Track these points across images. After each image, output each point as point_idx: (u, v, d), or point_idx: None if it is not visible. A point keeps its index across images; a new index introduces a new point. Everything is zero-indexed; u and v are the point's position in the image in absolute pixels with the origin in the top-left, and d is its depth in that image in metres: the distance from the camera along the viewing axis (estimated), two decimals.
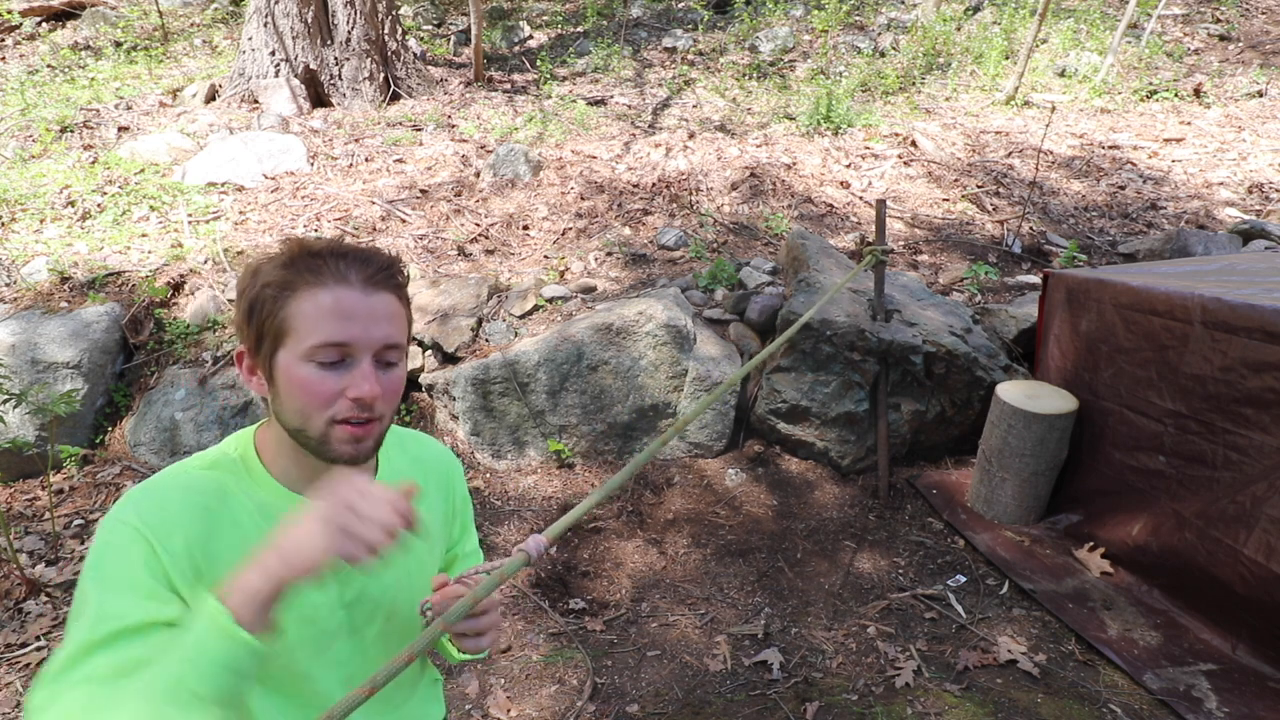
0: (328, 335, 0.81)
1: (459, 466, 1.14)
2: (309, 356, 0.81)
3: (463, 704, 2.29)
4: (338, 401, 0.82)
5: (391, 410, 0.88)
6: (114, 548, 0.80)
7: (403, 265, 0.90)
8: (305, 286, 0.81)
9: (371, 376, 0.83)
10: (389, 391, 0.86)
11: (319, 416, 0.83)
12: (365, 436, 0.85)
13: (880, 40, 7.30)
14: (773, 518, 3.09)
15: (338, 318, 0.81)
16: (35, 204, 4.11)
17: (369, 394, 0.82)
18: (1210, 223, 4.64)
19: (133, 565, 0.78)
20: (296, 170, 4.73)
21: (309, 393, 0.82)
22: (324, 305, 0.81)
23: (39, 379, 3.19)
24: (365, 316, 0.82)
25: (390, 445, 1.03)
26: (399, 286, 0.88)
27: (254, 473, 0.90)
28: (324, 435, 0.84)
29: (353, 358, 0.83)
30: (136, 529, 0.80)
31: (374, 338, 0.83)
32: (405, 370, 0.90)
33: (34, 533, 2.92)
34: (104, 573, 0.78)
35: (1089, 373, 2.87)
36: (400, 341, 0.87)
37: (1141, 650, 2.37)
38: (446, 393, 3.32)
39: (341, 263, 0.83)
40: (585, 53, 7.20)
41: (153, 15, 7.15)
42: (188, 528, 0.83)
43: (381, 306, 0.84)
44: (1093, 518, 2.84)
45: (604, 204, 4.60)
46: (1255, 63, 6.94)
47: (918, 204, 4.83)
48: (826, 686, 2.32)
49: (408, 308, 0.90)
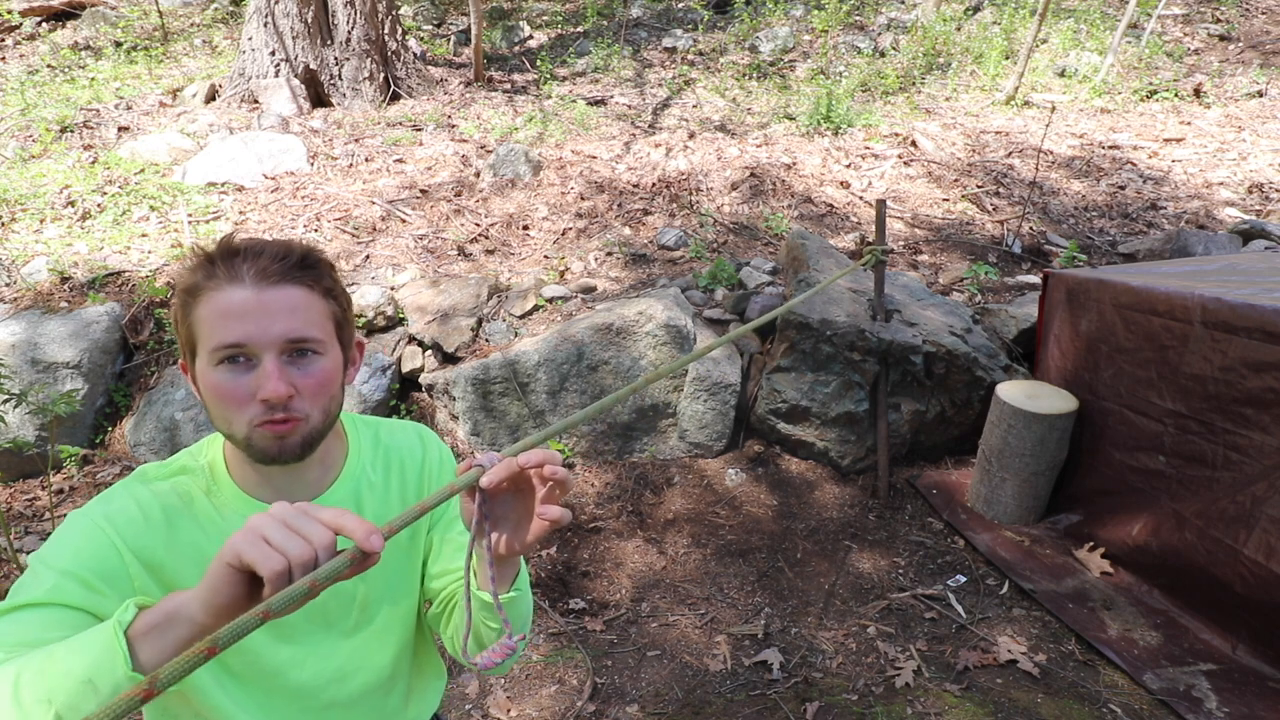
0: (221, 337, 0.79)
1: (439, 450, 1.08)
2: (213, 361, 0.80)
3: (463, 704, 2.29)
4: (250, 404, 0.80)
5: (320, 406, 0.84)
6: (67, 534, 0.80)
7: (313, 255, 0.86)
8: (205, 291, 0.80)
9: (275, 375, 0.79)
10: (308, 387, 0.82)
11: (238, 420, 0.81)
12: (286, 434, 0.82)
13: (880, 40, 7.30)
14: (773, 518, 3.09)
15: (230, 318, 0.79)
16: (35, 204, 4.11)
17: (272, 393, 0.79)
18: (1210, 223, 4.64)
19: (80, 553, 0.78)
20: (296, 170, 4.73)
21: (222, 398, 0.80)
22: (217, 307, 0.79)
23: (39, 379, 3.19)
24: (258, 313, 0.79)
25: (363, 436, 1.01)
26: (307, 278, 0.83)
27: (219, 480, 0.89)
28: (247, 438, 0.82)
29: (256, 357, 0.80)
30: (99, 525, 0.81)
31: (272, 334, 0.80)
32: (333, 361, 0.86)
33: (34, 533, 2.92)
34: (45, 553, 0.78)
35: (1089, 373, 2.87)
36: (310, 334, 0.82)
37: (1141, 650, 2.37)
38: (446, 393, 3.32)
39: (233, 261, 0.80)
40: (585, 53, 7.20)
41: (153, 15, 7.15)
42: (152, 531, 0.83)
43: (279, 301, 0.80)
44: (1093, 518, 2.84)
45: (604, 204, 4.60)
46: (1255, 63, 6.94)
47: (918, 204, 4.83)
48: (826, 686, 2.32)
49: (327, 297, 0.86)
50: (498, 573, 0.81)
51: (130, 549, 0.81)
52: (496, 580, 0.81)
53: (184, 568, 0.84)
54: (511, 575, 0.85)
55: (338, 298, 0.88)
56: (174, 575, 0.84)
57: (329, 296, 0.87)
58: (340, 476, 0.96)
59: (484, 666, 0.80)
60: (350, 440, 0.99)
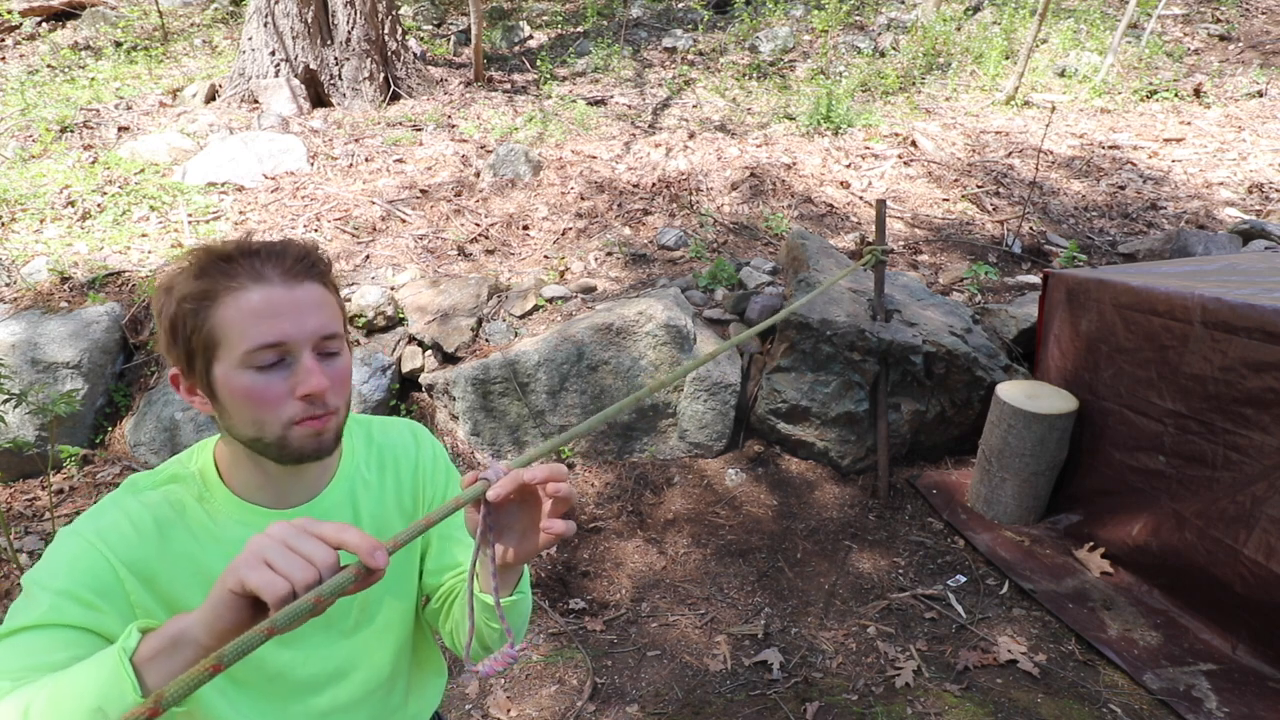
0: (260, 338, 0.78)
1: (432, 447, 1.09)
2: (246, 364, 0.78)
3: (463, 704, 2.29)
4: (287, 403, 0.80)
5: (344, 400, 0.86)
6: (59, 554, 0.79)
7: (321, 252, 0.86)
8: (224, 293, 0.78)
9: (317, 370, 0.80)
10: (337, 382, 0.83)
11: (273, 422, 0.80)
12: (324, 429, 0.82)
13: (880, 40, 7.30)
14: (773, 518, 3.09)
15: (265, 317, 0.78)
16: (35, 204, 4.11)
17: (317, 388, 0.79)
18: (1210, 223, 4.64)
19: (74, 571, 0.78)
20: (296, 170, 4.73)
21: (256, 400, 0.79)
22: (248, 308, 0.78)
23: (39, 379, 3.19)
24: (293, 310, 0.79)
25: (357, 434, 1.01)
26: (321, 274, 0.84)
27: (212, 487, 0.88)
28: (282, 439, 0.81)
29: (291, 355, 0.80)
30: (91, 542, 0.80)
31: (308, 330, 0.80)
32: (349, 357, 0.87)
33: (34, 533, 2.93)
34: (39, 575, 0.78)
35: (1089, 373, 2.87)
36: (336, 329, 0.83)
37: (1141, 650, 2.37)
38: (446, 393, 3.32)
39: (255, 260, 0.80)
40: (585, 53, 7.20)
41: (153, 15, 7.15)
42: (145, 543, 0.82)
43: (307, 297, 0.81)
44: (1093, 518, 2.84)
45: (604, 204, 4.60)
46: (1255, 63, 6.94)
47: (918, 204, 4.83)
48: (826, 686, 2.32)
49: (336, 294, 0.87)
50: (501, 580, 0.82)
51: (123, 563, 0.80)
52: (499, 587, 0.81)
53: (179, 578, 0.84)
54: (514, 581, 0.86)
55: (339, 294, 0.90)
56: (169, 586, 0.83)
57: (336, 293, 0.88)
58: (335, 477, 0.96)
59: (486, 674, 0.81)
60: (344, 440, 0.99)
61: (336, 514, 0.94)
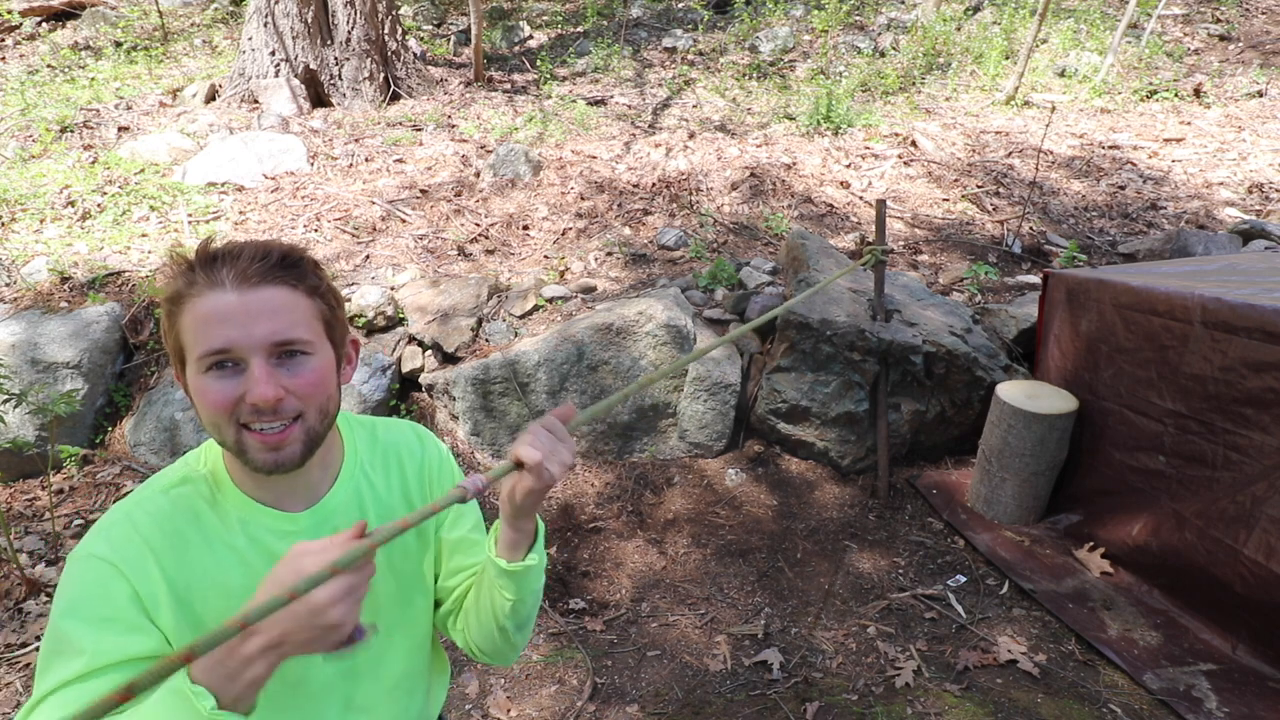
0: (207, 344, 0.78)
1: (438, 449, 1.08)
2: (201, 368, 0.79)
3: (463, 704, 2.29)
4: (239, 407, 0.80)
5: (316, 406, 0.84)
6: (87, 583, 0.79)
7: (298, 253, 0.84)
8: (187, 299, 0.79)
9: (264, 378, 0.78)
10: (299, 387, 0.81)
11: (226, 425, 0.80)
12: (283, 443, 0.81)
13: (880, 40, 7.30)
14: (773, 518, 3.09)
15: (212, 323, 0.78)
16: (35, 204, 4.11)
17: (261, 397, 0.78)
18: (1210, 223, 4.64)
19: (110, 599, 0.78)
20: (296, 170, 4.73)
21: (208, 403, 0.79)
22: (200, 314, 0.78)
23: (39, 379, 3.19)
24: (241, 316, 0.78)
25: (360, 435, 1.01)
26: (289, 277, 0.82)
27: (223, 487, 0.88)
28: (238, 444, 0.81)
29: (243, 361, 0.79)
30: (110, 563, 0.80)
31: (256, 337, 0.78)
32: (325, 361, 0.85)
33: (34, 533, 2.92)
34: (77, 608, 0.77)
35: (1089, 373, 2.87)
36: (295, 334, 0.81)
37: (1141, 650, 2.37)
38: (446, 393, 3.32)
39: (212, 266, 0.79)
40: (585, 53, 7.20)
41: (153, 15, 7.15)
42: (161, 555, 0.82)
43: (261, 302, 0.79)
44: (1093, 518, 2.84)
45: (604, 204, 4.60)
46: (1255, 63, 6.94)
47: (918, 204, 4.83)
48: (826, 686, 2.32)
49: (313, 296, 0.84)
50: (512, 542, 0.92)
51: (140, 578, 0.80)
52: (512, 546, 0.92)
53: (195, 581, 0.84)
54: (527, 541, 0.93)
55: (324, 295, 0.86)
56: (186, 591, 0.83)
57: (315, 295, 0.85)
58: (339, 479, 0.95)
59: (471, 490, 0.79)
60: (346, 441, 0.99)
61: (343, 515, 0.94)
